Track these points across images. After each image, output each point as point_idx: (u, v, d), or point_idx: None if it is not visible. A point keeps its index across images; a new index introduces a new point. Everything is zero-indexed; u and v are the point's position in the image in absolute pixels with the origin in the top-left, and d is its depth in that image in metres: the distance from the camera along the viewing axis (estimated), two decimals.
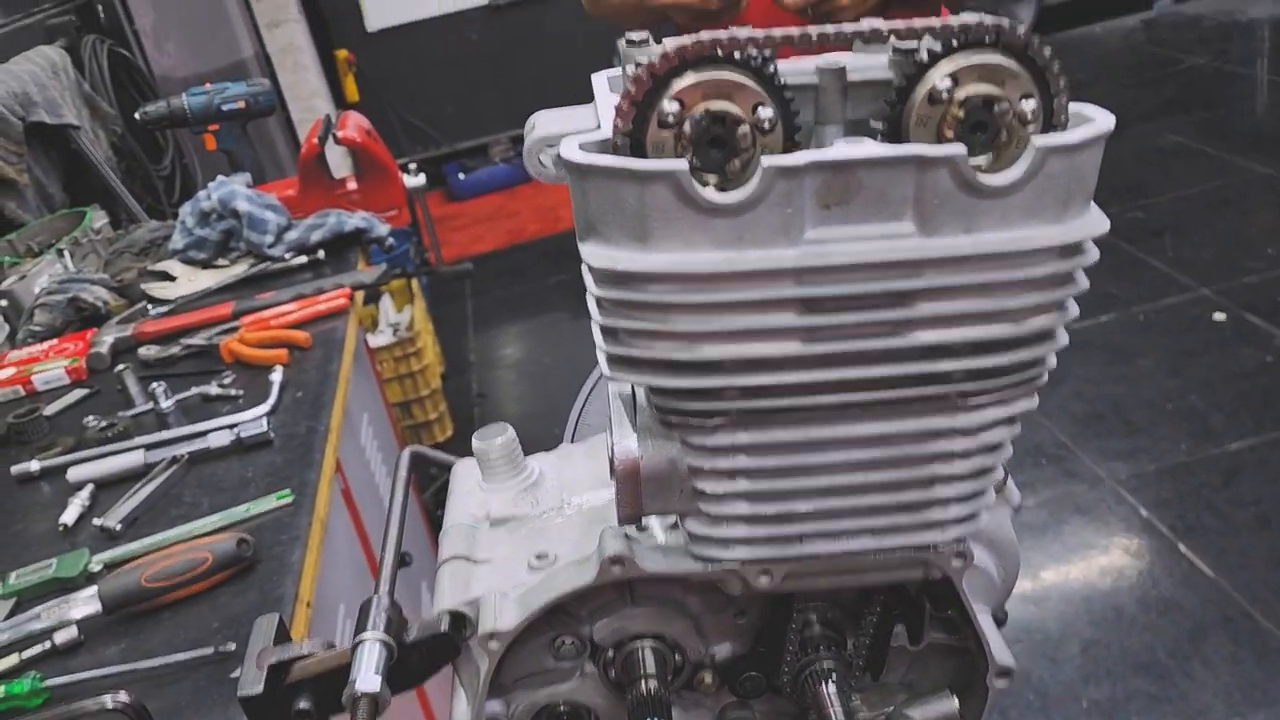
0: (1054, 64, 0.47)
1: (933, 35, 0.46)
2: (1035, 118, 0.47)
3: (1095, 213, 0.47)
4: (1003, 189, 0.44)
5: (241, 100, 1.67)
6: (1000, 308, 0.47)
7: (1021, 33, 0.47)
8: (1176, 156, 3.60)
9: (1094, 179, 0.47)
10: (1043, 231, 0.45)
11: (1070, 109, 0.49)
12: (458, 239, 4.23)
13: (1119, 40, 5.00)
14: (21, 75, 1.97)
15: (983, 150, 0.46)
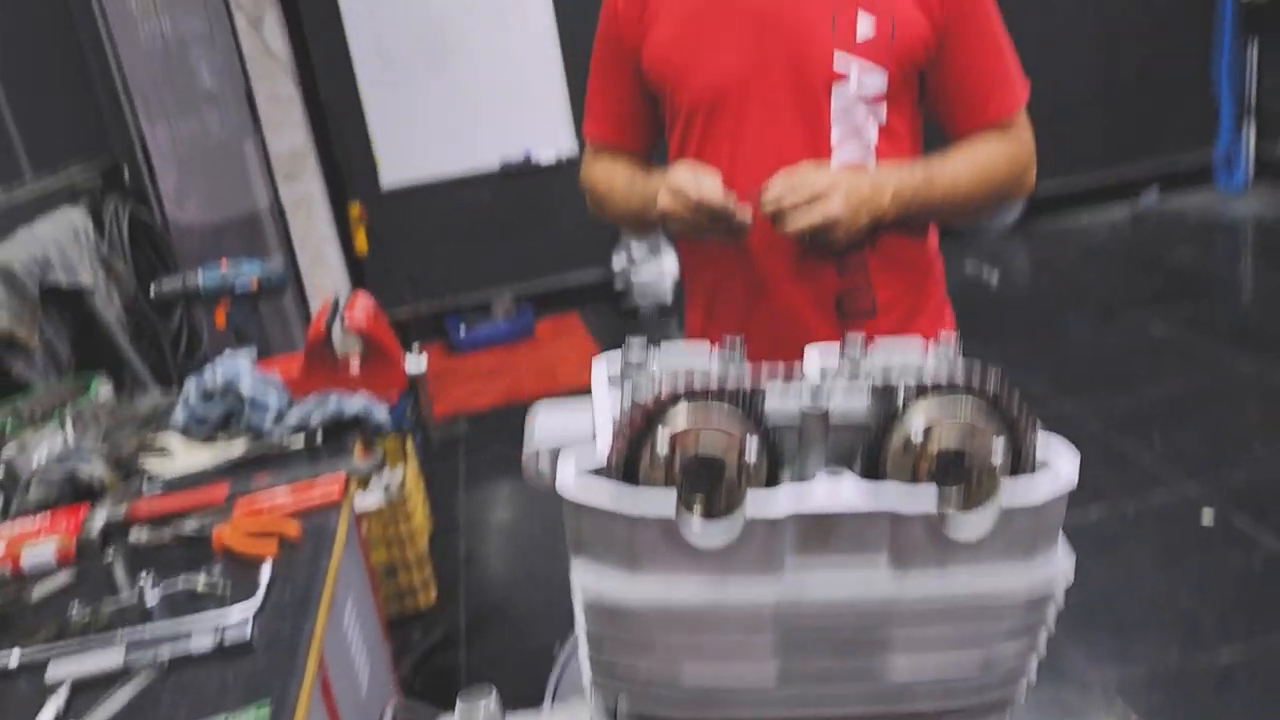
0: (1024, 412, 0.50)
1: (908, 380, 0.49)
2: (1004, 463, 0.49)
3: (1060, 553, 0.49)
4: (971, 542, 0.47)
5: (254, 280, 1.73)
6: (973, 644, 0.48)
7: (991, 383, 0.50)
8: (1164, 349, 3.68)
9: (1059, 524, 0.49)
10: (1010, 578, 0.47)
11: (1040, 441, 0.52)
12: (455, 393, 4.28)
13: (1106, 231, 5.18)
14: (44, 239, 2.04)
15: (954, 489, 0.49)
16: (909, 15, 1.29)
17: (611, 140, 1.50)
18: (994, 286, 4.61)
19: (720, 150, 1.33)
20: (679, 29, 1.35)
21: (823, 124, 1.30)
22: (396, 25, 4.60)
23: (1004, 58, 1.36)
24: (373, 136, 4.73)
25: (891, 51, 1.28)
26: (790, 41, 1.29)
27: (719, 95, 1.32)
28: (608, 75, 1.47)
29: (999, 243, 5.24)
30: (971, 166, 1.34)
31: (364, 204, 4.76)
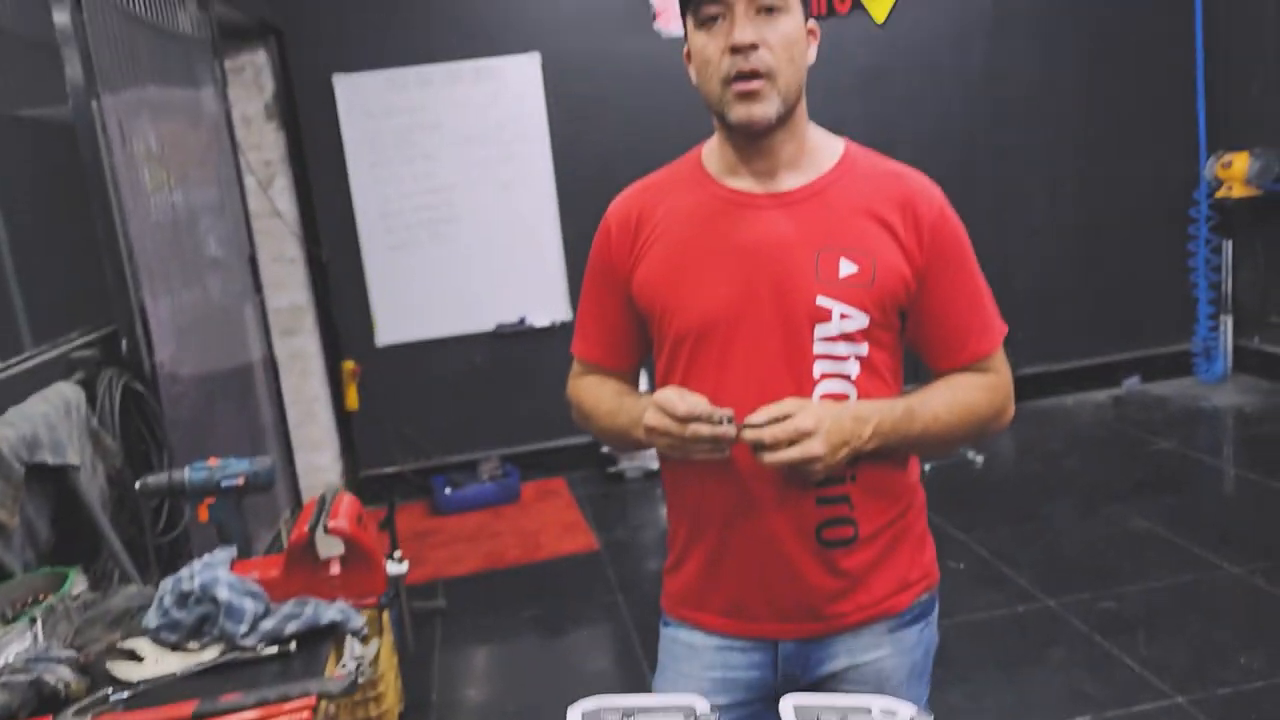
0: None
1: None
2: None
3: None
4: None
5: (242, 477, 1.73)
6: None
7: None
8: (1147, 544, 3.67)
9: None
10: None
11: None
12: (436, 557, 4.22)
13: (1090, 414, 5.25)
14: (34, 417, 2.04)
15: None
16: (890, 260, 1.35)
17: (600, 361, 1.55)
18: (979, 467, 4.64)
19: (705, 378, 1.37)
20: (669, 260, 1.42)
21: (806, 358, 1.35)
22: (402, 191, 4.75)
23: (981, 301, 1.43)
24: (371, 296, 4.82)
25: (872, 294, 1.34)
26: (776, 280, 1.35)
27: (706, 326, 1.38)
28: (599, 299, 1.53)
29: None
30: (951, 403, 1.39)
31: (358, 361, 4.81)
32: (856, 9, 5.04)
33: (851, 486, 1.37)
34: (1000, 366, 1.44)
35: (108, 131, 2.46)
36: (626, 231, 1.47)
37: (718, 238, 1.38)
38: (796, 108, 1.37)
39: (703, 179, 1.44)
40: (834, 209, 1.37)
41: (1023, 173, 5.33)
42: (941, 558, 3.85)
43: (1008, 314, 1.48)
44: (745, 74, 1.29)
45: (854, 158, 1.43)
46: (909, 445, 1.37)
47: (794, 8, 1.32)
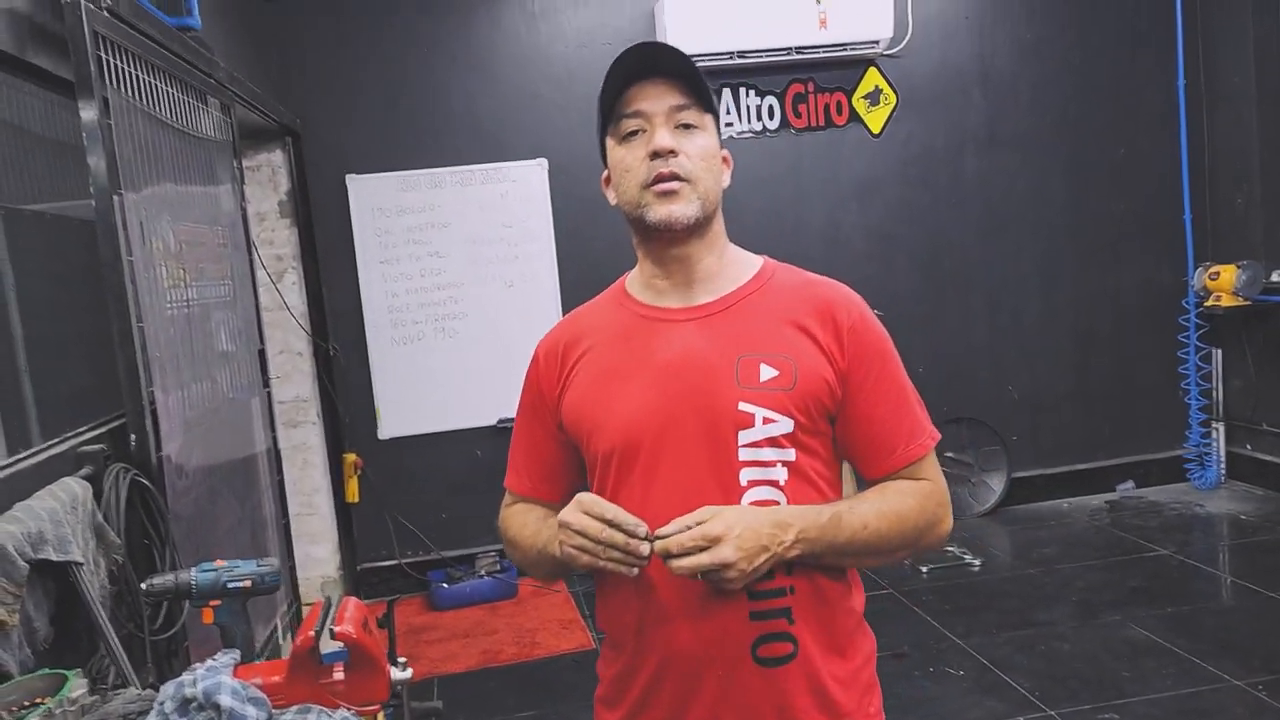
0: None
1: None
2: None
3: None
4: None
5: (248, 580, 1.74)
6: None
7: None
8: (1147, 654, 3.65)
9: None
10: None
11: None
12: (431, 654, 4.18)
13: (1085, 518, 5.25)
14: (40, 513, 2.06)
15: None
16: (812, 366, 1.36)
17: (531, 494, 1.56)
18: (976, 570, 4.62)
19: (633, 494, 1.37)
20: (594, 382, 1.44)
21: (731, 466, 1.34)
22: (409, 287, 4.84)
23: (907, 407, 1.42)
24: (376, 389, 4.86)
25: (794, 398, 1.35)
26: (697, 389, 1.36)
27: (630, 442, 1.38)
28: (530, 431, 1.56)
29: (980, 524, 5.29)
30: (880, 510, 1.35)
31: (360, 454, 4.82)
32: (854, 121, 5.21)
33: (791, 599, 1.34)
34: (933, 474, 1.42)
35: (128, 229, 2.52)
36: (553, 361, 1.51)
37: (639, 355, 1.41)
38: (714, 221, 1.43)
39: (625, 301, 1.48)
40: (753, 318, 1.39)
41: (1015, 281, 5.44)
42: (941, 664, 3.84)
43: (1003, 418, 1.50)
44: (665, 176, 1.35)
45: (772, 271, 1.46)
46: (837, 553, 1.33)
47: (709, 129, 1.40)
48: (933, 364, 5.40)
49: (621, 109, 1.39)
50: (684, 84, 1.37)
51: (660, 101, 1.37)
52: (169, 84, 2.91)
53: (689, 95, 1.37)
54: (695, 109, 1.38)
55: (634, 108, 1.38)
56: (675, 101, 1.37)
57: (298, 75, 4.75)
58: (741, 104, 5.13)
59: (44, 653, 2.03)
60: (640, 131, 1.38)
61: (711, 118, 1.42)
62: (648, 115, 1.37)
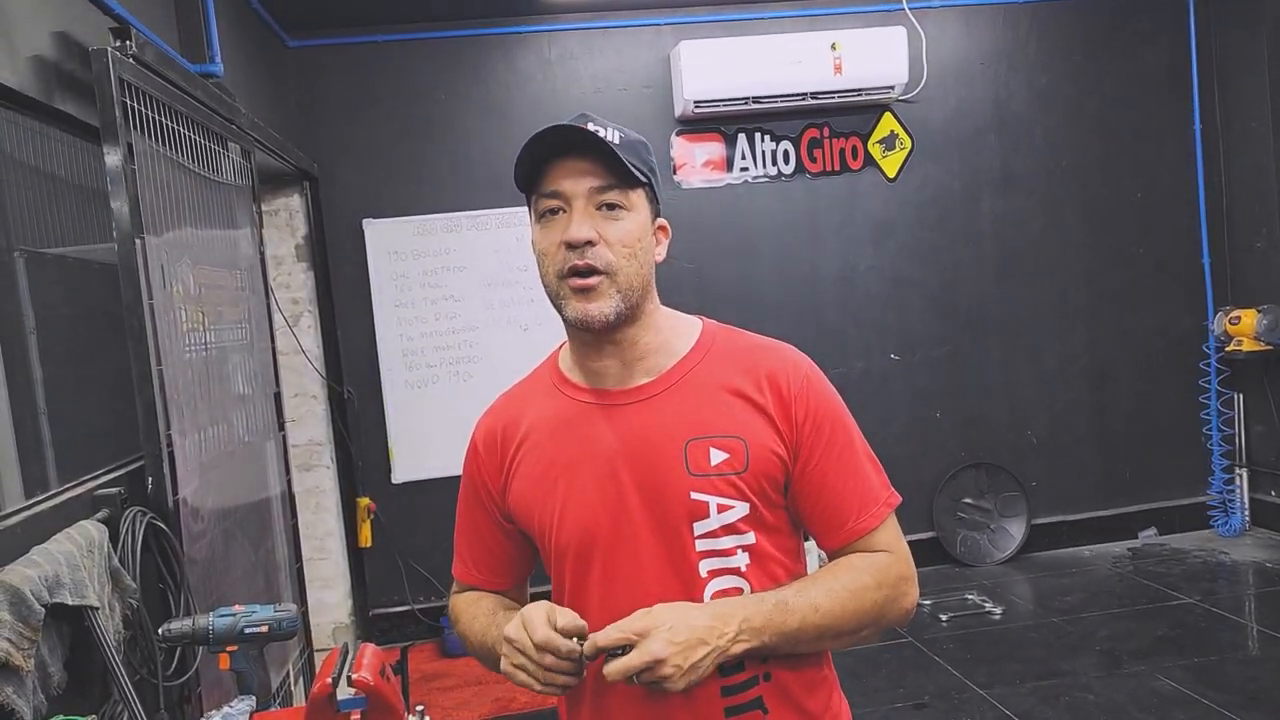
0: None
1: None
2: None
3: None
4: None
5: (265, 625, 1.72)
6: None
7: None
8: (1174, 705, 3.57)
9: None
10: None
11: None
12: (443, 701, 4.12)
13: (1107, 566, 5.18)
14: (58, 557, 2.04)
15: None
16: (761, 440, 1.30)
17: (479, 584, 1.52)
18: (997, 618, 4.55)
19: (590, 595, 1.33)
20: (537, 475, 1.38)
21: (688, 559, 1.30)
22: (424, 330, 4.84)
23: (858, 474, 1.34)
24: (390, 432, 4.85)
25: (747, 480, 1.29)
26: (645, 482, 1.30)
27: (584, 541, 1.33)
28: (473, 519, 1.50)
29: (1001, 573, 5.22)
30: (831, 590, 1.28)
31: (373, 498, 4.80)
32: (869, 165, 5.23)
33: (764, 687, 1.30)
34: (892, 542, 1.34)
35: (149, 272, 2.53)
36: (493, 450, 1.45)
37: (582, 445, 1.34)
38: (645, 303, 1.32)
39: (561, 383, 1.40)
40: (696, 394, 1.32)
41: (1033, 324, 5.42)
42: (963, 715, 3.76)
43: (1022, 463, 1.43)
44: (581, 270, 1.26)
45: (711, 337, 1.38)
46: (790, 640, 1.26)
47: (639, 206, 1.30)
48: (949, 408, 5.37)
49: (540, 187, 1.29)
50: (605, 162, 1.26)
51: (580, 182, 1.26)
52: (191, 129, 2.93)
53: (611, 174, 1.26)
54: (618, 189, 1.27)
55: (552, 187, 1.28)
56: (596, 183, 1.26)
57: (316, 120, 4.80)
58: (757, 149, 5.15)
59: (57, 697, 2.00)
60: (560, 211, 1.28)
61: (643, 190, 1.31)
62: (566, 196, 1.27)
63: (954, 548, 5.31)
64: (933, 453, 5.35)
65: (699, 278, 5.03)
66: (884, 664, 4.16)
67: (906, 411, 5.32)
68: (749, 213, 5.17)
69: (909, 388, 5.33)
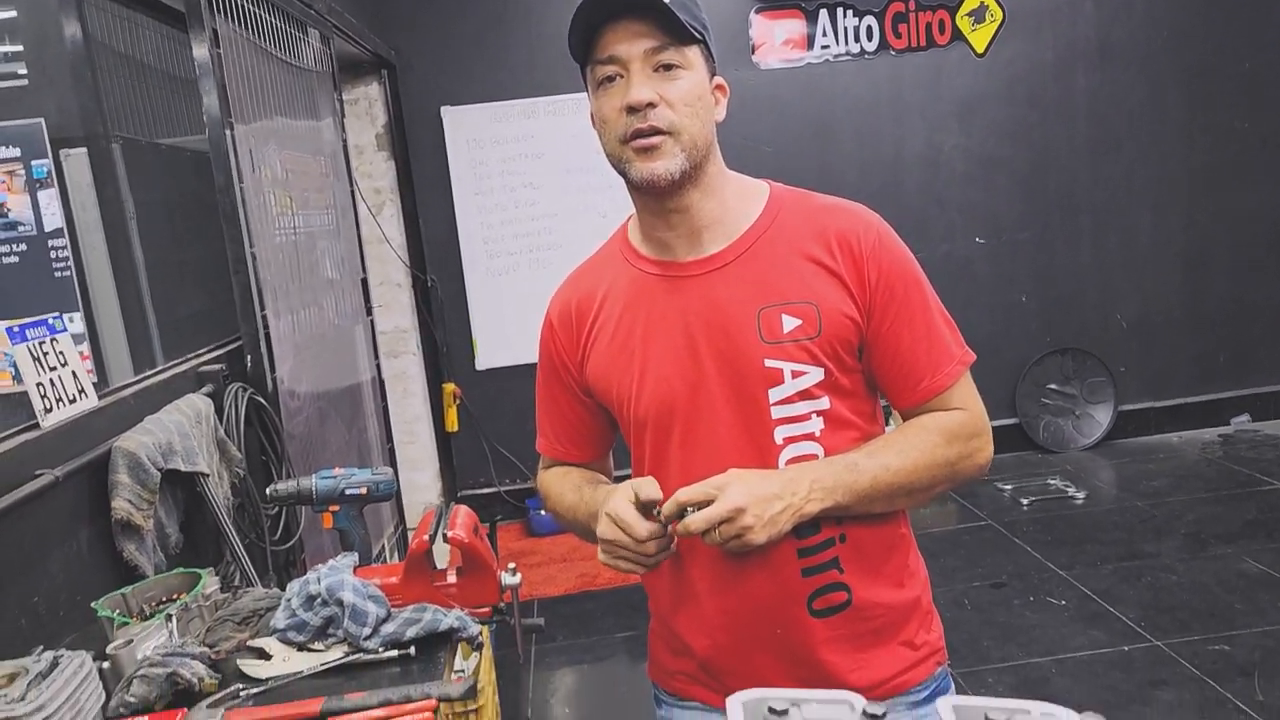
0: None
1: None
2: None
3: None
4: None
5: (364, 487, 1.80)
6: None
7: None
8: (1261, 587, 3.54)
9: None
10: None
11: None
12: (531, 577, 4.28)
13: (1196, 452, 5.08)
14: (169, 426, 2.16)
15: None
16: (834, 304, 1.29)
17: (563, 457, 1.54)
18: (1079, 503, 4.52)
19: (670, 464, 1.35)
20: (614, 349, 1.39)
21: (765, 426, 1.30)
22: (504, 218, 4.88)
23: (934, 333, 1.33)
24: (473, 320, 4.94)
25: (821, 345, 1.29)
26: (720, 351, 1.31)
27: (661, 412, 1.35)
28: (553, 395, 1.51)
29: (1085, 458, 5.16)
30: (904, 450, 1.30)
31: (459, 383, 4.92)
32: (956, 39, 5.03)
33: (841, 548, 1.33)
34: (966, 401, 1.34)
35: (239, 158, 2.59)
36: (568, 326, 1.45)
37: (655, 316, 1.35)
38: (709, 163, 1.31)
39: (631, 257, 1.41)
40: (767, 262, 1.31)
41: (1127, 203, 5.22)
42: (1042, 594, 3.78)
43: (1110, 348, 1.40)
44: (644, 132, 1.24)
45: (780, 202, 1.37)
46: (864, 499, 1.28)
47: (696, 64, 1.27)
48: (1036, 292, 5.25)
49: (595, 54, 1.27)
50: (659, 20, 1.23)
51: (635, 44, 1.24)
52: (272, 14, 2.95)
53: (666, 33, 1.24)
54: (674, 47, 1.25)
55: (608, 53, 1.25)
56: (651, 44, 1.24)
57: (392, 7, 4.78)
58: (838, 25, 4.98)
59: (174, 557, 2.14)
60: (618, 77, 1.26)
61: (698, 48, 1.28)
62: (623, 61, 1.24)
63: (1037, 434, 5.26)
64: (1017, 338, 5.26)
65: (777, 161, 4.94)
66: (963, 545, 4.18)
67: (991, 296, 5.22)
68: (829, 93, 5.03)
69: (994, 271, 5.22)
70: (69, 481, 1.84)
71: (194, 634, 1.72)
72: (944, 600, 1.29)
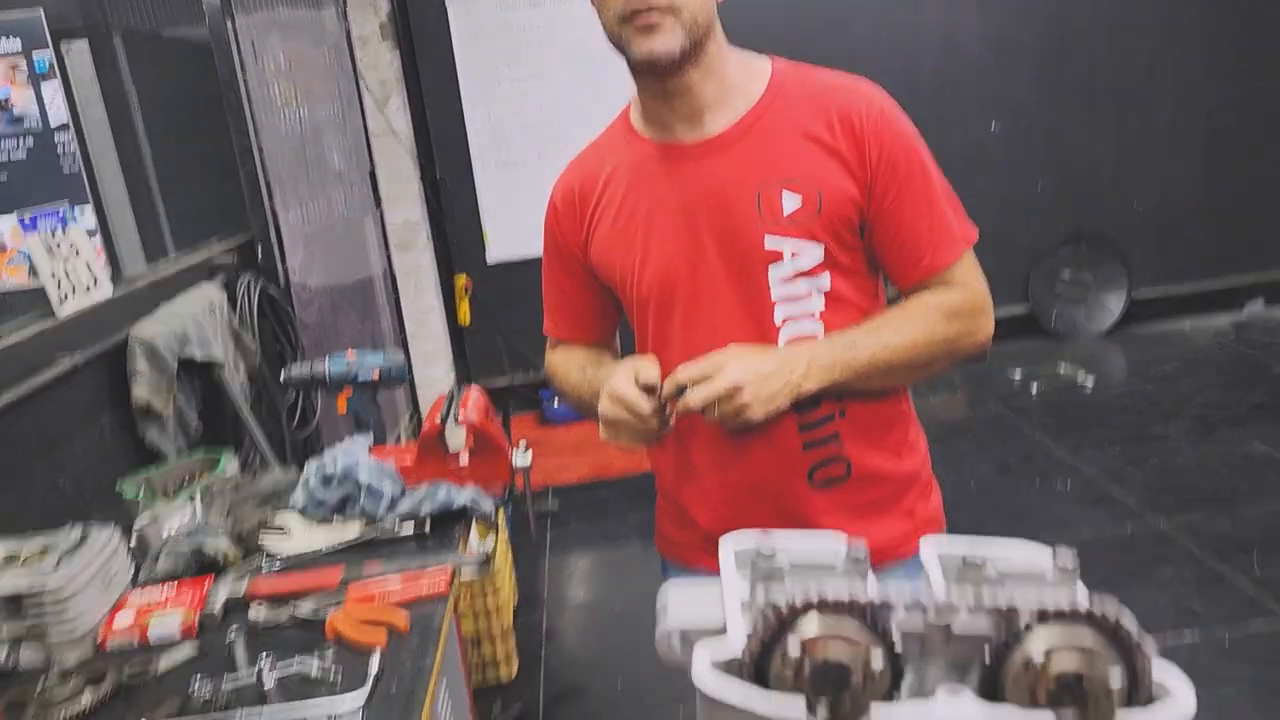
0: (1142, 642, 0.53)
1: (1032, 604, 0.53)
2: (1121, 690, 0.52)
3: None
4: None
5: (376, 371, 1.83)
6: None
7: (1113, 615, 0.53)
8: (1267, 468, 3.58)
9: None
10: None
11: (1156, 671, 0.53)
12: (544, 465, 4.35)
13: (1208, 339, 5.08)
14: (184, 315, 2.19)
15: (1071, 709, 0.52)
16: (835, 183, 1.28)
17: (569, 338, 1.55)
18: (1088, 390, 4.55)
19: (672, 342, 1.36)
20: (616, 229, 1.39)
21: (765, 304, 1.31)
22: (513, 110, 4.80)
23: (936, 209, 1.32)
24: (483, 212, 4.92)
25: (821, 223, 1.28)
26: (721, 230, 1.31)
27: (662, 291, 1.36)
28: (558, 278, 1.52)
29: (1095, 345, 5.17)
30: (902, 327, 1.31)
31: (471, 276, 4.93)
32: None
33: (841, 423, 1.34)
34: (968, 279, 1.34)
35: (241, 49, 2.56)
36: (571, 207, 1.45)
37: (657, 197, 1.35)
38: (708, 42, 1.29)
39: (633, 138, 1.39)
40: (768, 141, 1.30)
41: (1146, 85, 5.10)
42: (1048, 477, 3.82)
43: (1125, 235, 1.39)
44: (641, 9, 1.22)
45: (782, 79, 1.34)
46: (862, 376, 1.30)
47: None
48: (1053, 178, 5.18)
49: None
50: None
51: None
52: None
53: None
54: None
55: None
56: None
57: None
58: None
59: (195, 444, 2.20)
60: None
61: None
62: None
63: (1049, 322, 5.26)
64: (1032, 226, 5.21)
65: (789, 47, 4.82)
66: (970, 431, 4.23)
67: (1006, 183, 5.15)
68: None
69: (1009, 159, 5.14)
70: (88, 368, 1.89)
71: (217, 512, 1.77)
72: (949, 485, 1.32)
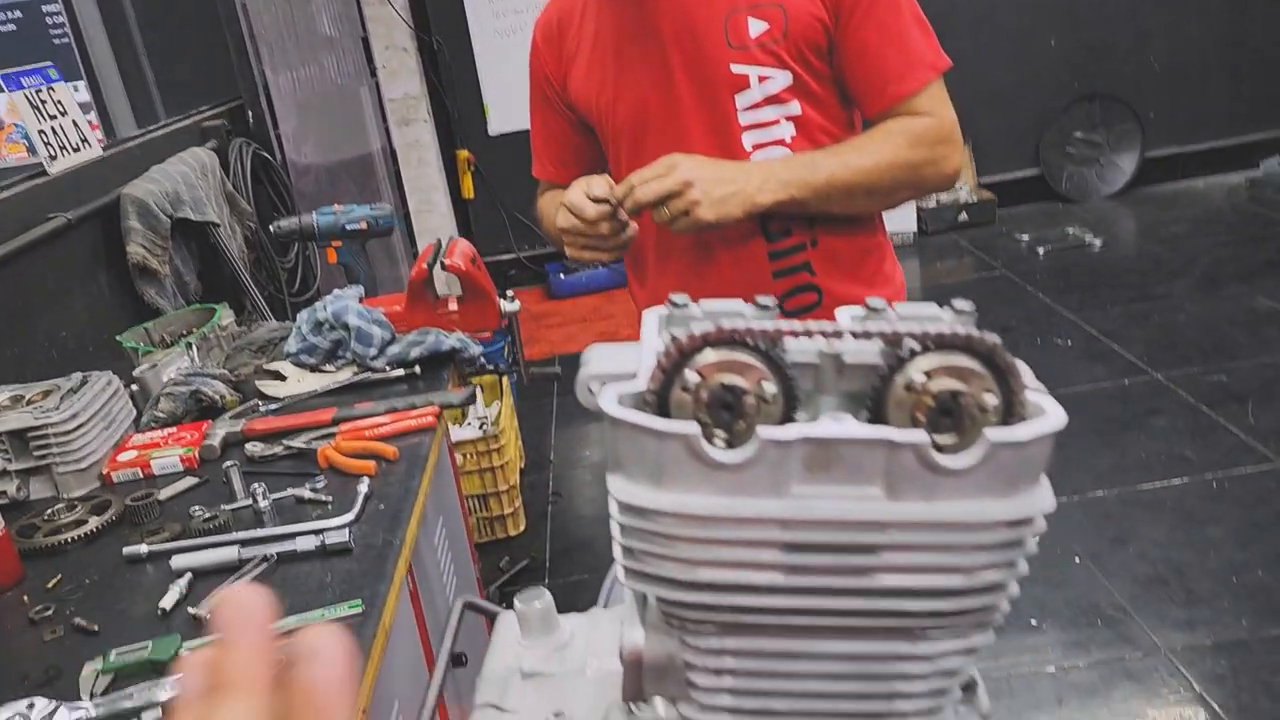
0: (1014, 366, 0.56)
1: (915, 338, 0.56)
2: (995, 410, 0.55)
3: (1043, 490, 0.56)
4: (958, 471, 0.54)
5: (364, 221, 1.85)
6: (953, 563, 0.56)
7: (989, 341, 0.56)
8: (1269, 321, 3.57)
9: (1042, 465, 0.55)
10: (992, 506, 0.54)
11: (1033, 400, 0.57)
12: (551, 336, 4.42)
13: (1221, 197, 5.00)
14: (174, 175, 2.21)
15: (949, 432, 0.56)
16: (801, 7, 1.27)
17: (556, 179, 1.55)
18: (1096, 250, 4.52)
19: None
20: (592, 62, 1.39)
21: (732, 131, 1.31)
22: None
23: (903, 37, 1.29)
24: (483, 84, 4.85)
25: (787, 47, 1.27)
26: (688, 57, 1.31)
27: (636, 121, 1.36)
28: (544, 119, 1.52)
29: (1107, 207, 5.11)
30: (864, 149, 1.29)
31: (472, 150, 4.90)
32: None
33: (813, 252, 1.35)
34: (935, 108, 1.31)
35: None
36: (551, 44, 1.45)
37: (628, 27, 1.34)
38: None
39: None
40: None
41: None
42: (1049, 335, 3.84)
43: (1141, 93, 1.34)
44: None
45: None
46: (821, 196, 1.28)
47: None
48: (1066, 34, 5.03)
49: None
50: None
51: None
52: None
53: None
54: None
55: None
56: None
57: None
58: None
59: (194, 302, 2.24)
60: None
61: None
62: None
63: (1059, 184, 5.19)
64: (1044, 85, 5.08)
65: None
66: (973, 292, 4.23)
67: (1016, 41, 5.01)
68: None
69: (1019, 14, 4.98)
70: (82, 226, 1.92)
71: (214, 360, 1.83)
72: None
